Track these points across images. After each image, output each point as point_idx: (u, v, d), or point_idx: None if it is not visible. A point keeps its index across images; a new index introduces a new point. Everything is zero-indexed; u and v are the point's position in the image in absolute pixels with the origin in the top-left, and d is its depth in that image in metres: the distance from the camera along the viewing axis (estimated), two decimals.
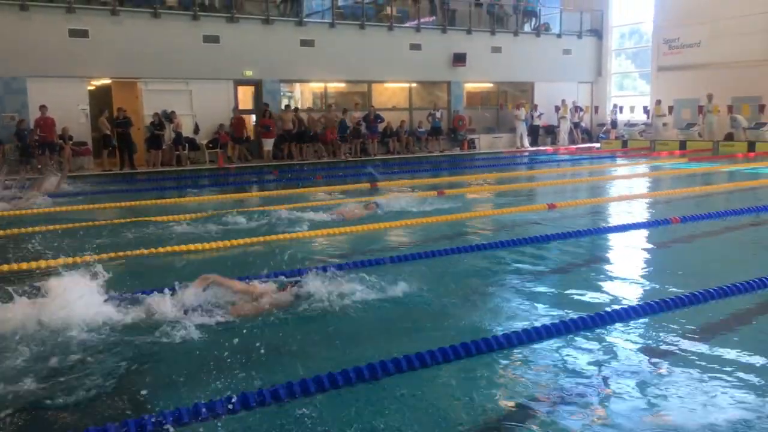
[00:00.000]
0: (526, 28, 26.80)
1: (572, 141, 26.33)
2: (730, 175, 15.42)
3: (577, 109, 26.85)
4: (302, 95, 24.24)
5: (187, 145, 19.57)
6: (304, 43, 21.48)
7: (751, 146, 20.84)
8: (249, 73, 20.75)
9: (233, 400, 3.36)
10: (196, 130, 19.94)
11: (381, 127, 22.61)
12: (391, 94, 24.74)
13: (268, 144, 20.43)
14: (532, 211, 10.03)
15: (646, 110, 25.93)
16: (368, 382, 3.69)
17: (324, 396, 3.55)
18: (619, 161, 20.16)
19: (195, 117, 20.00)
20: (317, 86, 23.50)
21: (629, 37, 29.22)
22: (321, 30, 21.91)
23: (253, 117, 21.61)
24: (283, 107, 21.56)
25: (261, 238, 7.85)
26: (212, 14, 20.29)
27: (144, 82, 19.45)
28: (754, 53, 22.91)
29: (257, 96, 21.42)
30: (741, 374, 3.73)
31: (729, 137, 22.25)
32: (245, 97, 21.56)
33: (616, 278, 6.03)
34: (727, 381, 3.65)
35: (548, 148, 25.37)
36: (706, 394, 3.51)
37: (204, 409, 3.31)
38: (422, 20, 24.02)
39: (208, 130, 20.17)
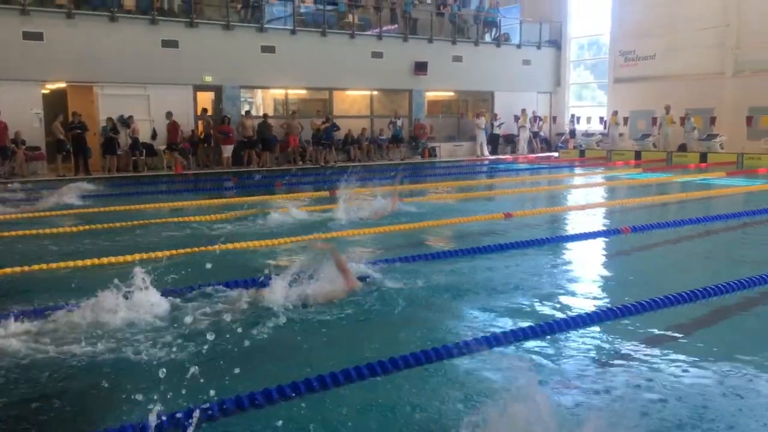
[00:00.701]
0: (487, 38, 27.10)
1: (531, 150, 26.68)
2: (683, 185, 15.79)
3: (536, 118, 27.23)
4: (263, 101, 24.09)
5: (144, 150, 19.27)
6: (265, 49, 21.37)
7: (703, 157, 21.38)
8: (209, 78, 20.55)
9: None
10: (154, 135, 19.65)
11: (341, 134, 22.61)
12: (353, 101, 24.76)
13: (228, 150, 20.24)
14: (488, 220, 10.11)
15: (602, 121, 26.41)
16: (316, 392, 3.68)
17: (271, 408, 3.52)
18: (577, 170, 20.50)
19: (153, 122, 19.71)
20: (278, 93, 23.38)
21: (588, 49, 29.78)
22: (282, 36, 21.82)
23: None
24: (243, 113, 21.42)
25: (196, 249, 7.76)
26: (171, 19, 20.05)
27: (100, 87, 19.10)
28: (707, 66, 23.56)
29: (217, 102, 21.22)
30: (681, 381, 3.80)
31: (682, 148, 22.81)
32: (205, 102, 21.34)
33: (565, 288, 6.09)
34: (668, 389, 3.72)
35: (508, 156, 25.66)
36: (648, 402, 3.56)
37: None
38: (384, 28, 24.11)
39: (167, 136, 19.90)
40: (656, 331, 4.76)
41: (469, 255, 7.38)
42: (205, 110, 20.79)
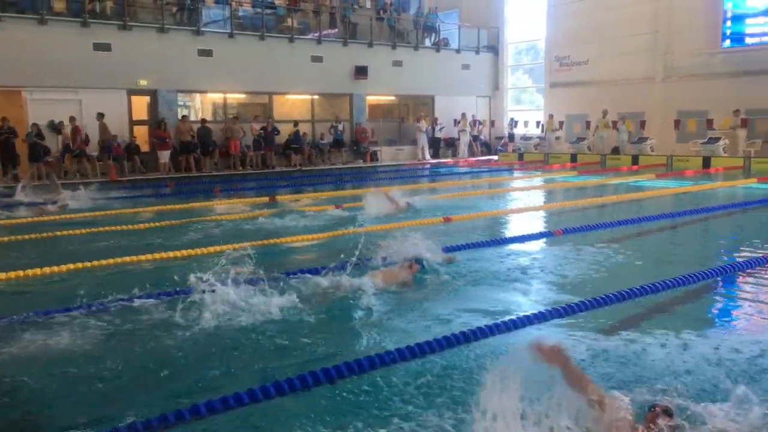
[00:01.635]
0: (426, 42, 27.35)
1: (472, 153, 27.04)
2: (616, 187, 16.24)
3: (475, 122, 27.62)
4: (202, 106, 23.68)
5: (77, 156, 18.69)
6: (202, 52, 21.04)
7: (635, 160, 22.07)
8: (143, 82, 20.10)
9: None
10: (86, 141, 19.08)
11: (282, 139, 22.47)
12: (293, 105, 24.59)
13: (164, 156, 19.82)
14: (428, 224, 10.17)
15: (539, 124, 27.00)
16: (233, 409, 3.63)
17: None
18: (515, 174, 20.86)
19: (85, 128, 19.13)
20: (217, 97, 23.03)
21: (526, 54, 30.41)
22: (219, 40, 21.52)
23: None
24: (180, 117, 21.03)
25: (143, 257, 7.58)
26: (103, 21, 19.54)
27: (29, 91, 18.46)
28: (637, 72, 24.36)
29: (153, 106, 20.76)
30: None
31: (615, 151, 23.51)
32: (140, 107, 20.86)
33: (496, 292, 6.14)
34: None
35: (449, 160, 25.94)
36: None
37: None
38: (324, 33, 24.06)
39: (99, 139, 19.38)
40: (581, 334, 4.85)
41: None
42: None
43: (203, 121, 21.32)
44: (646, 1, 23.86)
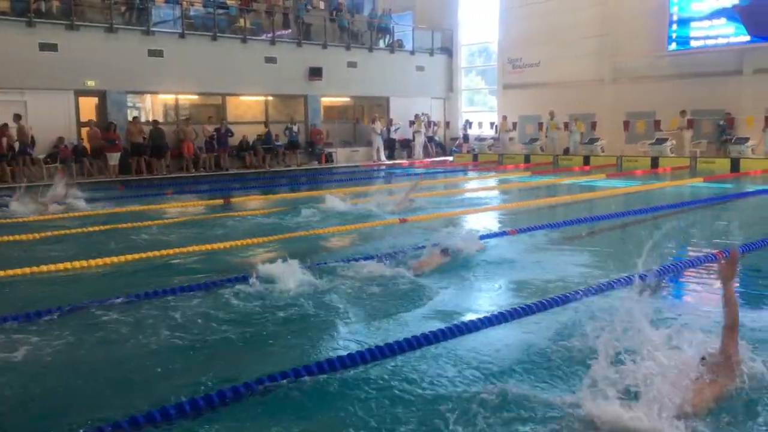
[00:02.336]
0: (381, 44, 27.39)
1: (427, 154, 27.17)
2: (569, 187, 16.51)
3: (430, 123, 27.76)
4: (153, 107, 23.24)
5: (21, 159, 18.11)
6: (152, 53, 20.64)
7: (586, 160, 22.50)
8: (91, 83, 19.62)
9: None
10: (33, 143, 18.51)
11: (236, 140, 22.21)
12: (247, 107, 24.33)
13: (114, 159, 19.37)
14: (384, 225, 10.16)
15: (492, 126, 27.28)
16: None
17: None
18: (470, 174, 21.03)
19: (31, 129, 18.54)
20: (168, 98, 22.62)
21: (479, 56, 30.72)
22: (170, 40, 21.15)
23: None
24: (131, 119, 20.60)
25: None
26: (49, 21, 19.00)
27: None
28: (588, 74, 24.84)
29: (102, 108, 20.28)
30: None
31: (567, 151, 23.93)
32: (89, 108, 20.35)
33: (444, 294, 6.13)
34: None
35: (404, 161, 26.01)
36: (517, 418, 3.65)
37: None
38: (277, 33, 23.86)
39: (48, 144, 18.83)
40: (536, 334, 4.89)
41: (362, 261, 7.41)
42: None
43: (155, 122, 20.93)
44: (595, 4, 24.36)
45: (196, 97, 23.05)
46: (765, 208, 12.84)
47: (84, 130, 19.90)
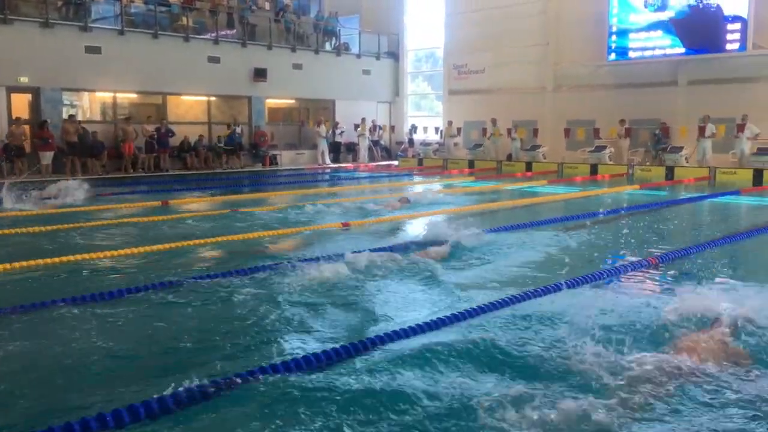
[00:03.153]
0: (327, 46, 27.25)
1: (372, 158, 27.15)
2: (512, 192, 16.68)
3: (375, 127, 27.75)
4: (90, 105, 22.53)
5: None
6: (90, 50, 20.03)
7: (529, 166, 22.85)
8: (24, 79, 18.88)
9: None
10: None
11: (177, 141, 21.73)
12: (189, 107, 23.83)
13: (47, 158, 18.68)
14: (325, 229, 10.05)
15: (437, 130, 27.46)
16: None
17: None
18: (415, 179, 21.09)
19: None
20: (106, 96, 21.96)
21: (426, 61, 30.90)
22: (109, 37, 20.56)
23: None
24: (66, 117, 19.91)
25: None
26: None
27: None
28: (530, 81, 25.27)
29: (35, 105, 19.53)
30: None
31: (510, 157, 24.26)
32: (22, 105, 19.57)
33: (377, 300, 6.07)
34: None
35: (349, 165, 25.92)
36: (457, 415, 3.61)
37: None
38: (221, 33, 23.47)
39: None
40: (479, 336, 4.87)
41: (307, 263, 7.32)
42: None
43: (80, 122, 20.23)
44: (537, 13, 24.79)
45: (135, 95, 22.45)
46: (697, 214, 13.25)
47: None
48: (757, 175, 18.57)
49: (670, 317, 4.98)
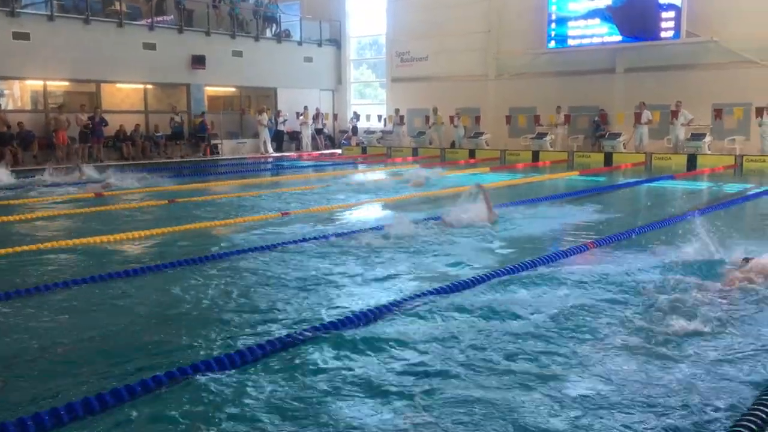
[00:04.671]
0: (268, 33, 26.78)
1: (316, 147, 26.88)
2: (455, 180, 16.67)
3: (318, 115, 27.46)
4: (21, 94, 21.60)
5: None
6: (18, 36, 19.19)
7: (472, 153, 22.99)
8: None
9: None
10: None
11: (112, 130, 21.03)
12: (125, 95, 23.09)
13: None
14: (264, 219, 9.85)
15: (380, 118, 27.36)
16: None
17: None
18: (359, 167, 20.94)
19: None
20: (37, 85, 21.07)
21: (370, 48, 30.69)
22: (38, 23, 19.71)
23: None
24: None
25: None
26: None
27: None
28: (473, 69, 25.38)
29: None
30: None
31: (454, 145, 24.36)
32: None
33: (321, 290, 5.96)
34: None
35: (292, 153, 25.59)
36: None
37: None
38: (157, 19, 22.76)
39: None
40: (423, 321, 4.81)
41: (243, 254, 7.22)
42: None
43: (5, 111, 19.37)
44: (478, 1, 24.87)
45: (67, 83, 21.61)
46: (634, 200, 13.52)
47: None
48: (691, 159, 19.12)
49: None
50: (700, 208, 10.61)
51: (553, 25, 23.17)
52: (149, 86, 23.22)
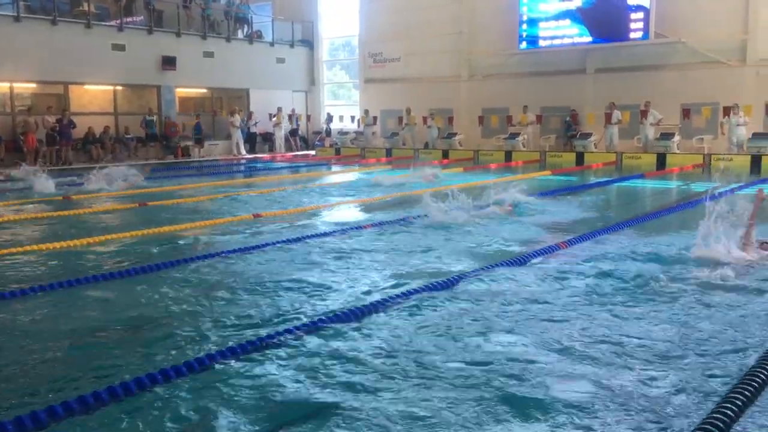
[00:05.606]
0: (239, 34, 26.58)
1: (289, 148, 26.75)
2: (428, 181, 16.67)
3: (291, 116, 27.33)
4: None
5: None
6: None
7: (445, 154, 23.05)
8: None
9: None
10: None
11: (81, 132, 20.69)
12: (93, 97, 22.75)
13: None
14: (237, 221, 9.76)
15: (353, 119, 27.30)
16: None
17: None
18: (333, 168, 20.87)
19: None
20: (3, 86, 20.64)
21: (343, 49, 30.62)
22: (4, 24, 19.40)
23: None
24: None
25: None
26: None
27: None
28: (445, 70, 25.47)
29: None
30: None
31: (427, 146, 24.41)
32: None
33: (298, 290, 5.92)
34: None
35: (266, 155, 25.44)
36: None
37: None
38: (126, 19, 22.46)
39: None
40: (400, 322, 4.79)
41: (216, 257, 7.10)
42: None
43: None
44: (450, 2, 24.97)
45: (35, 85, 21.23)
46: (606, 198, 13.65)
47: None
48: (661, 159, 19.38)
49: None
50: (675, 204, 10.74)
51: (525, 26, 23.32)
52: (119, 88, 22.91)
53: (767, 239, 6.88)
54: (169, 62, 22.98)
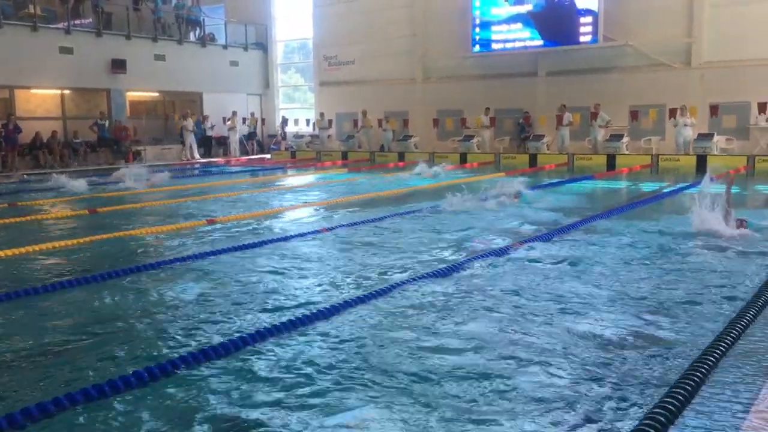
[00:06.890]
0: (191, 37, 26.24)
1: (245, 152, 26.50)
2: (385, 182, 16.71)
3: (244, 120, 27.09)
4: None
5: None
6: None
7: (401, 156, 23.15)
8: None
9: None
10: None
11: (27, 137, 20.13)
12: (41, 101, 22.18)
13: None
14: (190, 227, 9.62)
15: (308, 122, 27.23)
16: None
17: None
18: (288, 172, 20.76)
19: None
20: None
21: (299, 52, 30.48)
22: None
23: None
24: None
25: None
26: None
27: None
28: (400, 72, 25.59)
29: None
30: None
31: (383, 149, 24.48)
32: None
33: (254, 296, 5.88)
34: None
35: (220, 159, 25.15)
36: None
37: None
38: (74, 22, 21.95)
39: None
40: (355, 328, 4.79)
41: (175, 263, 6.99)
42: None
43: None
44: (404, 5, 25.11)
45: None
46: (561, 198, 13.88)
47: None
48: (610, 159, 19.82)
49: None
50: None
51: (478, 30, 23.60)
52: (67, 91, 22.37)
53: (744, 218, 7.89)
54: (118, 65, 22.55)
